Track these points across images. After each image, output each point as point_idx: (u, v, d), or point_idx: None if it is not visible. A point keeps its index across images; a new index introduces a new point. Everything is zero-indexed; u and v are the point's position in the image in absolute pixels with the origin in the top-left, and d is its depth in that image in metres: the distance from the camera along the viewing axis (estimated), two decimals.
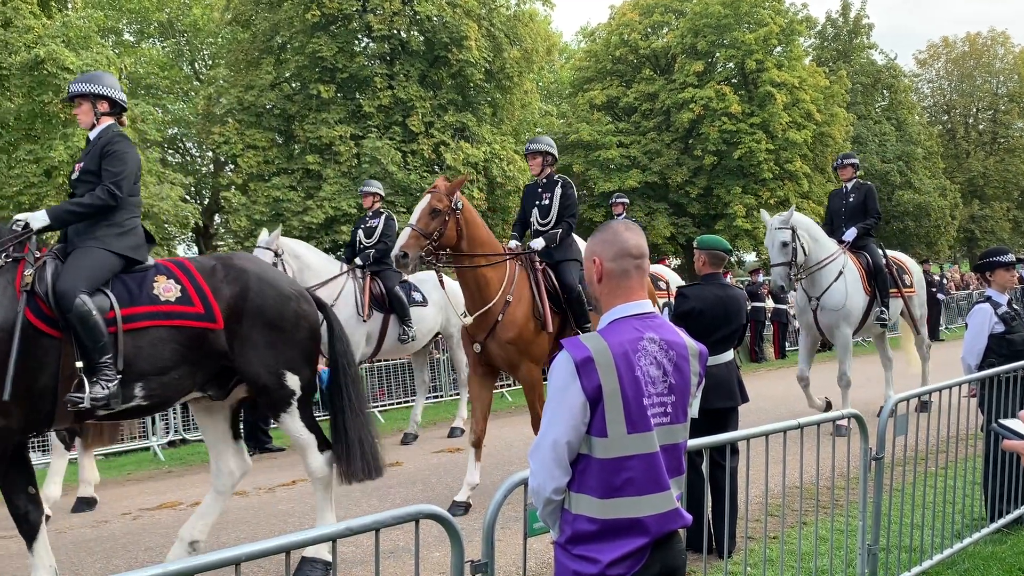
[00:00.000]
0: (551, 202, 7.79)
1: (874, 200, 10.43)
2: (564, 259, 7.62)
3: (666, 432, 2.60)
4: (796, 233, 9.36)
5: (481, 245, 7.03)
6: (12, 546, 6.64)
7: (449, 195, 6.77)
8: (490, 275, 7.03)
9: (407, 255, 6.55)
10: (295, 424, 5.54)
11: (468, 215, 6.95)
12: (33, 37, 19.25)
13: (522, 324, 7.04)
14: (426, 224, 6.66)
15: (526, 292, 7.20)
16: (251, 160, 25.38)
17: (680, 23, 32.79)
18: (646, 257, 2.70)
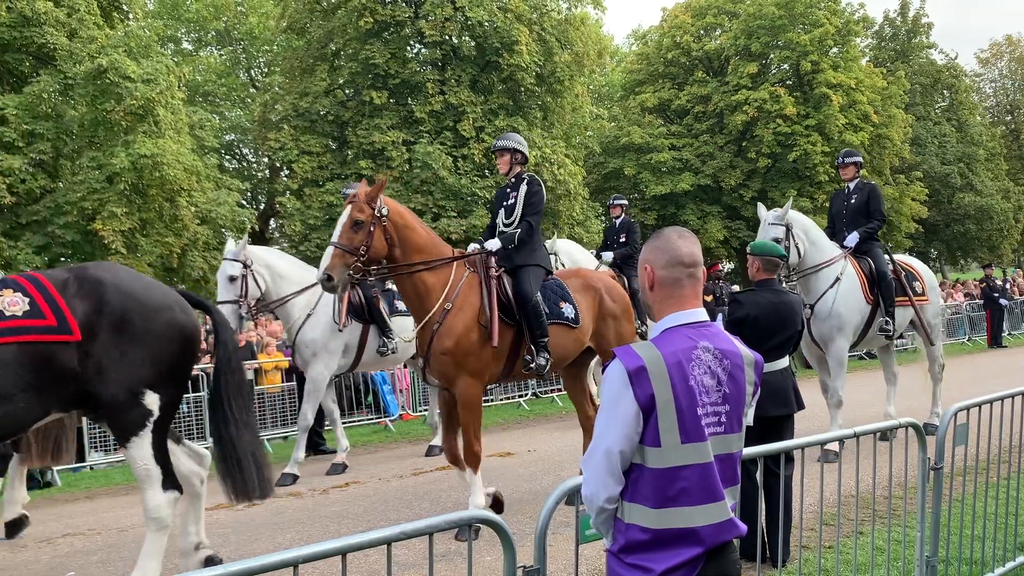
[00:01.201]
0: (516, 201, 7.19)
1: (878, 201, 9.70)
2: (524, 264, 6.94)
3: (721, 442, 2.58)
4: (791, 232, 8.66)
5: (419, 251, 6.44)
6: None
7: (371, 202, 6.19)
8: (431, 282, 6.46)
9: (331, 277, 6.02)
10: (143, 451, 5.00)
11: (398, 220, 6.36)
12: (96, 47, 19.78)
13: (461, 334, 6.40)
14: (349, 239, 6.11)
15: (472, 299, 6.56)
16: (305, 165, 25.73)
17: (733, 25, 32.47)
18: (699, 266, 2.68)
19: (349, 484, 8.62)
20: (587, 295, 7.26)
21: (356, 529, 6.81)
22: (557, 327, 6.90)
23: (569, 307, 7.04)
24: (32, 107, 19.30)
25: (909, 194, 34.83)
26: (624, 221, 12.54)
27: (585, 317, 7.15)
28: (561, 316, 6.96)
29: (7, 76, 20.85)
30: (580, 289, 7.26)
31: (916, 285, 9.97)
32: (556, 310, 6.95)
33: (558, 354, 6.93)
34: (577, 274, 7.63)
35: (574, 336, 7.05)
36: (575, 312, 7.04)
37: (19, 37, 19.72)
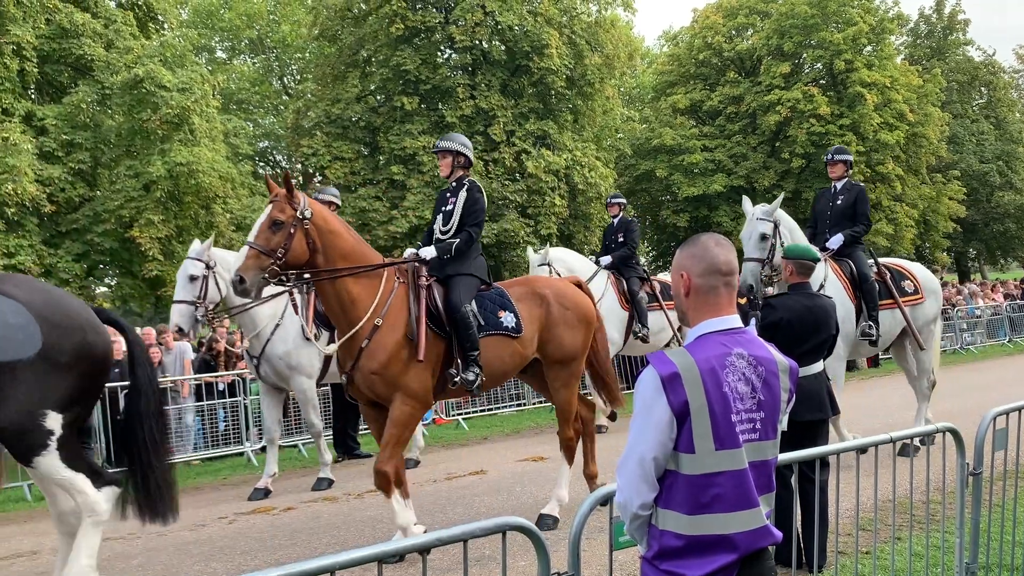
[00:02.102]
0: (454, 208, 6.78)
1: (864, 204, 9.05)
2: (456, 273, 6.56)
3: (755, 449, 2.58)
4: (778, 229, 8.13)
5: (344, 257, 6.00)
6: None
7: (293, 203, 5.78)
8: (356, 292, 6.01)
9: (243, 279, 5.62)
10: (54, 464, 4.79)
11: (322, 223, 5.92)
12: (133, 57, 20.10)
13: (392, 352, 5.98)
14: (266, 240, 5.70)
15: (403, 314, 6.15)
16: (338, 171, 25.94)
17: (765, 24, 32.23)
18: (736, 274, 2.68)
19: None
20: (532, 303, 6.82)
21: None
22: (494, 338, 6.50)
23: (509, 316, 6.63)
24: (71, 117, 19.68)
25: (947, 193, 34.33)
26: (622, 220, 12.21)
27: (528, 326, 6.71)
28: (499, 326, 6.54)
29: (47, 87, 21.27)
30: (524, 297, 6.84)
31: (906, 285, 9.31)
32: (494, 320, 6.54)
33: (495, 368, 6.52)
34: (524, 282, 7.21)
35: (514, 348, 6.62)
36: (516, 321, 6.63)
37: (58, 49, 20.12)
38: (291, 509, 7.98)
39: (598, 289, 11.03)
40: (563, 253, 11.50)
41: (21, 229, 18.72)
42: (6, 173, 17.11)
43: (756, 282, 7.93)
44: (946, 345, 21.60)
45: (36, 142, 18.61)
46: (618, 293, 11.35)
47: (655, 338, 11.51)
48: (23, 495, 10.08)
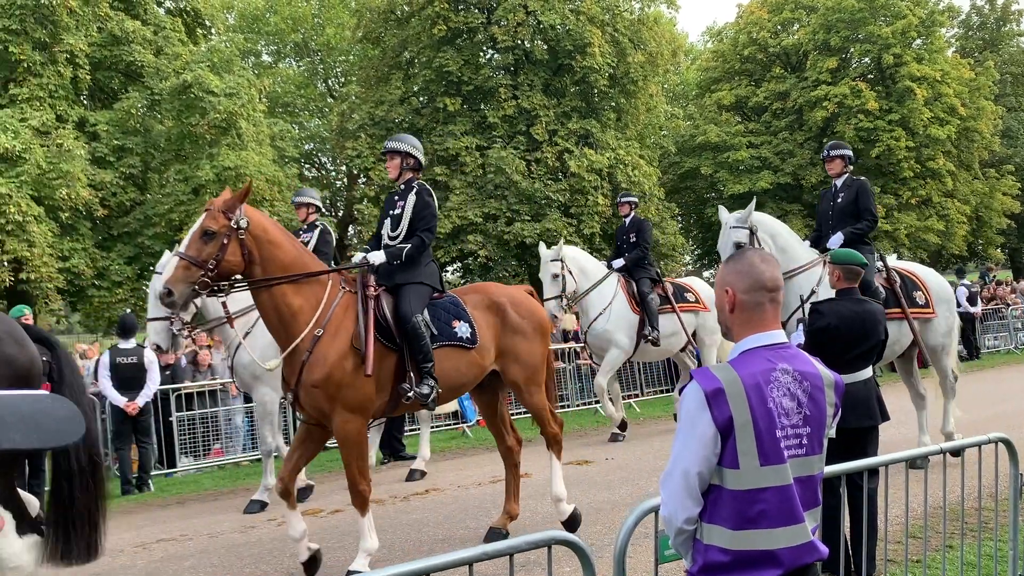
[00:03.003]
0: (403, 211, 6.51)
1: (867, 199, 8.39)
2: (407, 282, 6.26)
3: (801, 464, 2.57)
4: (756, 236, 7.68)
5: (284, 269, 5.71)
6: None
7: (228, 212, 5.51)
8: (297, 304, 5.72)
9: (171, 292, 5.36)
10: None
11: (260, 233, 5.63)
12: (181, 63, 20.50)
13: (333, 363, 5.68)
14: (197, 250, 5.44)
15: (347, 323, 5.84)
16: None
17: (811, 19, 31.78)
18: (781, 289, 2.68)
19: (428, 491, 8.74)
20: (488, 312, 6.57)
21: (436, 536, 6.91)
22: (449, 349, 6.23)
23: (464, 326, 6.35)
24: (122, 123, 20.12)
25: (1000, 188, 33.60)
26: (634, 220, 11.78)
27: (485, 336, 6.44)
28: (453, 337, 6.27)
29: (99, 93, 21.78)
30: (480, 306, 6.57)
31: (917, 296, 8.59)
32: (447, 330, 6.27)
33: (452, 380, 6.28)
34: (478, 289, 6.93)
35: (470, 358, 6.36)
36: (471, 331, 6.36)
37: (109, 56, 20.59)
38: (338, 512, 8.07)
39: (607, 293, 10.87)
40: (576, 252, 11.31)
41: (75, 233, 19.20)
42: (60, 178, 17.55)
43: None
44: (999, 345, 21.15)
45: (89, 148, 19.07)
46: (628, 296, 11.04)
47: (666, 342, 11.18)
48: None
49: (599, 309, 10.81)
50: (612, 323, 10.77)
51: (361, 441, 5.88)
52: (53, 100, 19.08)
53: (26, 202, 17.06)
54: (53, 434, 3.85)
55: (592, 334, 10.95)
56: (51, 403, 4.01)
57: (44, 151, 17.60)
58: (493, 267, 25.20)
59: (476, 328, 6.40)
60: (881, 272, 8.36)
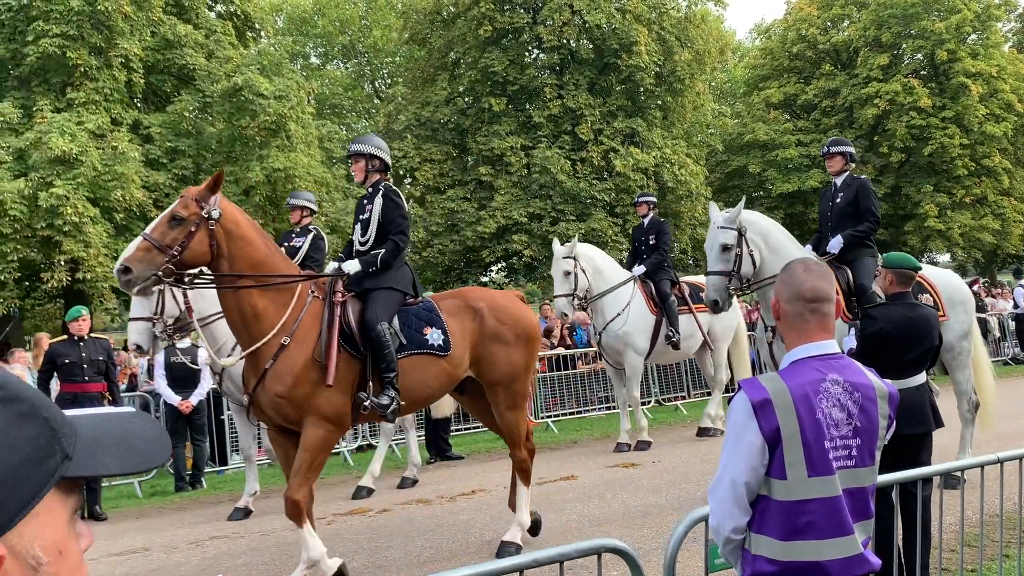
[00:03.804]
0: (371, 215, 6.29)
1: (868, 198, 7.90)
2: (376, 287, 6.05)
3: (850, 475, 2.56)
4: (745, 237, 7.23)
5: (253, 267, 5.54)
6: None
7: (200, 200, 5.35)
8: (262, 307, 5.55)
9: (128, 269, 5.20)
10: None
11: (232, 227, 5.47)
12: (232, 67, 20.85)
13: (299, 374, 5.53)
14: (163, 234, 5.29)
15: (315, 331, 5.69)
16: (427, 173, 26.34)
17: (862, 15, 31.28)
18: (824, 300, 2.64)
19: (475, 492, 8.78)
20: (463, 318, 6.29)
21: (483, 539, 6.94)
22: (418, 357, 6.01)
23: (436, 333, 6.10)
24: (174, 125, 20.51)
25: None
26: (652, 221, 11.34)
27: (459, 344, 6.17)
28: (424, 344, 6.04)
29: (152, 96, 22.22)
30: (455, 311, 6.30)
31: (924, 299, 7.87)
32: (417, 338, 6.04)
33: (419, 391, 6.07)
34: (457, 294, 6.66)
35: (441, 367, 6.11)
36: (444, 338, 6.11)
37: (162, 59, 21.01)
38: (386, 511, 8.15)
39: (624, 294, 10.55)
40: (591, 250, 10.91)
41: (129, 233, 19.55)
42: (115, 180, 17.94)
43: (722, 298, 7.16)
44: None
45: (143, 150, 19.46)
46: (646, 296, 10.70)
47: (684, 343, 10.86)
48: (134, 491, 10.59)
49: (615, 310, 10.47)
50: (630, 324, 10.45)
51: (325, 450, 5.71)
52: (108, 104, 19.51)
53: (82, 203, 17.46)
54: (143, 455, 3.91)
55: (608, 335, 10.57)
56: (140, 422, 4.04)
57: (100, 154, 18.00)
58: (538, 267, 25.23)
59: (449, 335, 6.14)
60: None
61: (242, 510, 8.49)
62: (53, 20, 18.44)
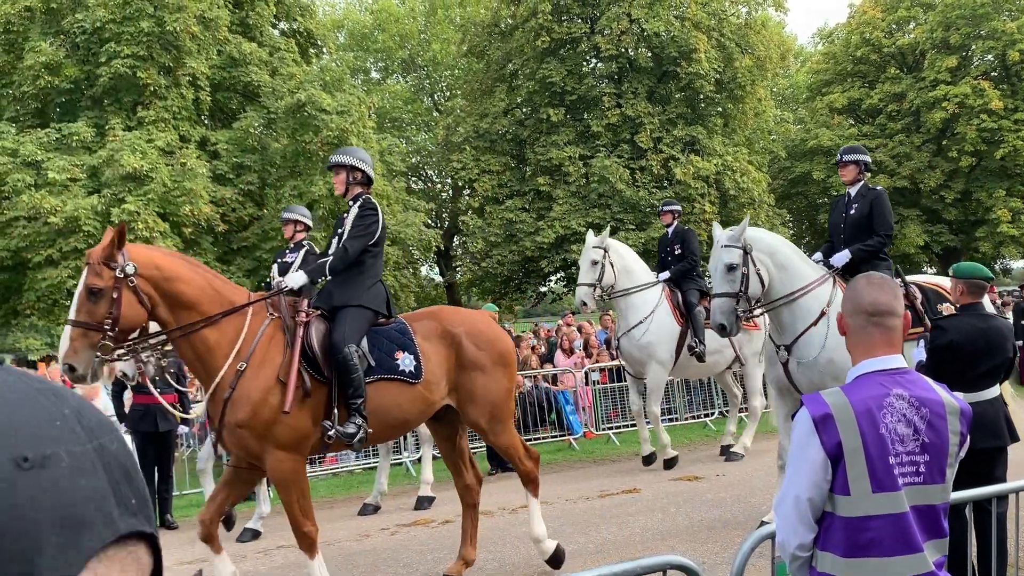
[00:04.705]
0: (344, 229, 5.93)
1: (883, 211, 7.37)
2: (344, 305, 5.66)
3: (918, 492, 2.51)
4: (750, 255, 6.82)
5: (191, 306, 5.19)
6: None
7: (109, 261, 4.93)
8: (213, 340, 5.25)
9: (73, 368, 4.89)
10: None
11: (154, 273, 5.08)
12: (295, 83, 21.26)
13: (258, 400, 5.22)
14: (89, 313, 4.91)
15: (274, 354, 5.36)
16: (486, 184, 26.49)
17: (929, 17, 30.56)
18: (888, 314, 2.59)
19: None
20: (440, 343, 5.94)
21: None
22: (388, 383, 5.67)
23: (408, 358, 5.75)
24: (240, 141, 21.01)
25: None
26: (677, 229, 10.90)
27: (434, 370, 5.83)
28: (394, 370, 5.70)
29: (218, 113, 22.79)
30: (431, 335, 5.93)
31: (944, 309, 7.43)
32: (388, 362, 5.69)
33: (390, 417, 5.71)
34: (432, 315, 6.28)
35: (413, 394, 5.76)
36: (416, 364, 5.76)
37: (228, 77, 21.54)
38: (448, 522, 8.20)
39: (651, 302, 10.01)
40: (622, 248, 10.49)
41: (197, 247, 20.09)
42: (184, 196, 18.43)
43: (729, 321, 6.73)
44: None
45: (210, 166, 19.96)
46: (672, 306, 10.15)
47: (711, 358, 10.20)
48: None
49: (639, 316, 9.93)
50: (653, 334, 9.91)
51: (299, 480, 5.49)
52: (177, 121, 20.06)
53: (153, 218, 17.97)
54: None
55: (629, 342, 10.06)
56: None
57: (169, 170, 18.52)
58: None
59: (422, 360, 5.80)
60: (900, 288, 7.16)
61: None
62: (124, 42, 19.04)
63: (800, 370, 6.81)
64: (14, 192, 17.43)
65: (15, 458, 0.62)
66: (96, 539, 0.65)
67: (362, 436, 5.49)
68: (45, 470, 0.63)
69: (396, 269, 23.44)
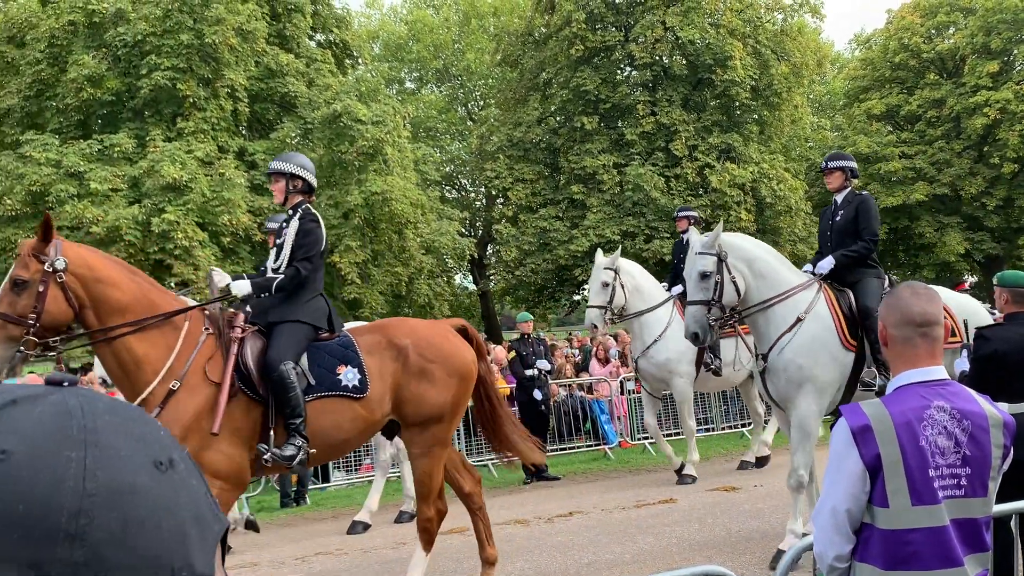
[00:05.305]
0: (284, 240, 5.72)
1: (868, 218, 7.19)
2: (281, 320, 5.44)
3: (959, 506, 2.49)
4: (725, 263, 6.57)
5: (121, 312, 4.89)
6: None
7: (39, 254, 4.71)
8: (142, 352, 4.92)
9: None
10: None
11: (86, 272, 4.83)
12: (331, 94, 21.49)
13: (189, 423, 4.89)
14: (11, 304, 4.66)
15: (215, 375, 5.10)
16: (520, 193, 26.53)
17: (969, 22, 30.11)
18: (935, 325, 2.58)
19: (573, 513, 8.76)
20: (385, 355, 5.64)
21: (582, 560, 6.92)
22: (329, 400, 5.40)
23: (352, 372, 5.47)
24: (277, 151, 21.18)
25: None
26: None
27: (378, 384, 5.53)
28: (335, 386, 5.42)
29: (256, 124, 23.08)
30: (376, 348, 5.65)
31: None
32: (329, 378, 5.42)
33: (331, 437, 5.41)
34: (379, 328, 6.01)
35: (356, 412, 5.46)
36: (360, 378, 5.47)
37: (266, 88, 21.83)
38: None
39: (663, 319, 9.86)
40: (633, 267, 10.35)
41: (235, 256, 20.34)
42: (222, 205, 18.69)
43: (702, 329, 6.46)
44: None
45: (248, 176, 20.22)
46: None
47: (728, 371, 9.96)
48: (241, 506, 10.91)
49: (654, 335, 9.81)
50: (671, 350, 9.73)
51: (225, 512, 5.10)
52: (215, 132, 20.36)
53: (192, 228, 18.23)
54: None
55: (647, 361, 9.95)
56: None
57: (208, 180, 18.78)
58: None
59: (367, 375, 5.51)
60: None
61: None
62: (165, 54, 19.38)
63: (770, 379, 6.62)
64: (58, 202, 17.79)
65: (154, 461, 0.67)
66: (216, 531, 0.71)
67: (302, 458, 5.24)
68: (175, 472, 0.69)
69: (430, 278, 23.57)
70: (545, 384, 11.53)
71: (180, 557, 0.66)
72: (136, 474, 0.66)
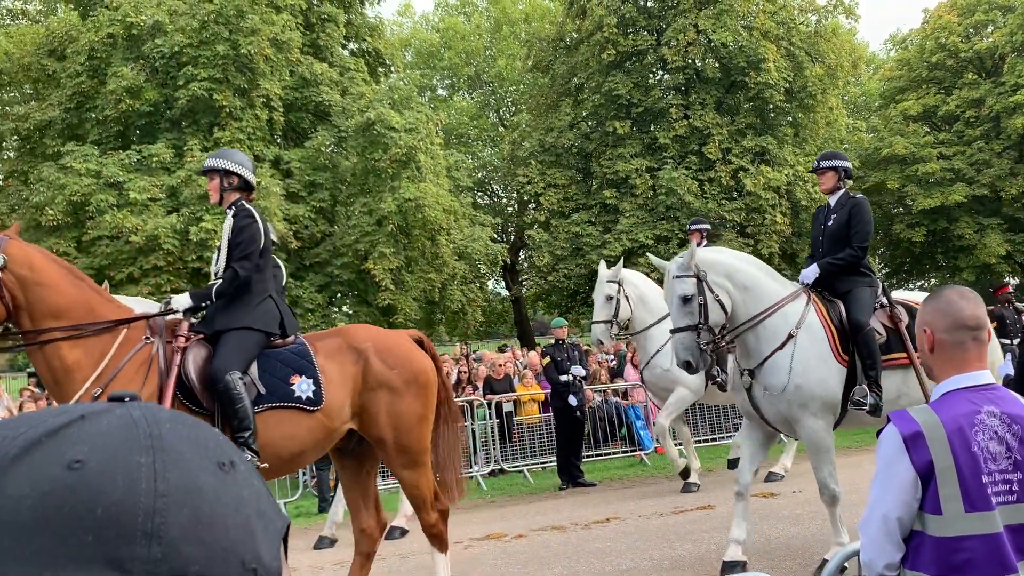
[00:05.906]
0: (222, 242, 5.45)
1: (861, 222, 6.68)
2: (227, 328, 5.12)
3: (1013, 512, 2.45)
4: (706, 282, 6.17)
5: (56, 316, 4.72)
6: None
7: None
8: (73, 359, 4.71)
9: None
10: None
11: (25, 273, 4.67)
12: (365, 102, 21.69)
13: None
14: None
15: (151, 385, 4.82)
16: (552, 198, 26.53)
17: (1008, 20, 29.62)
18: (984, 328, 2.56)
19: (610, 520, 8.73)
20: (344, 360, 5.33)
21: (619, 567, 6.89)
22: (281, 412, 5.08)
23: (306, 383, 5.15)
24: (312, 160, 21.50)
25: None
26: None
27: (335, 394, 5.21)
28: (288, 397, 5.11)
29: (291, 133, 23.34)
30: (335, 353, 5.34)
31: None
32: (281, 388, 5.11)
33: (284, 449, 5.10)
34: (340, 333, 5.68)
35: (311, 423, 5.14)
36: (315, 389, 5.15)
37: (300, 97, 22.09)
38: (521, 537, 8.21)
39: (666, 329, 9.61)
40: (637, 278, 10.09)
41: None
42: None
43: (694, 357, 6.07)
44: None
45: (283, 184, 20.44)
46: None
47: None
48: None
49: (658, 344, 9.47)
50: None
51: None
52: (251, 141, 20.61)
53: None
54: None
55: (652, 373, 9.73)
56: None
57: None
58: None
59: (323, 384, 5.20)
60: (884, 309, 6.57)
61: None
62: (201, 65, 19.68)
63: (766, 399, 6.25)
64: (98, 212, 18.11)
65: (217, 463, 0.71)
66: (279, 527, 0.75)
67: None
68: (237, 472, 0.72)
69: (463, 283, 23.67)
70: (580, 390, 11.51)
71: (249, 551, 0.70)
72: (201, 475, 0.70)
